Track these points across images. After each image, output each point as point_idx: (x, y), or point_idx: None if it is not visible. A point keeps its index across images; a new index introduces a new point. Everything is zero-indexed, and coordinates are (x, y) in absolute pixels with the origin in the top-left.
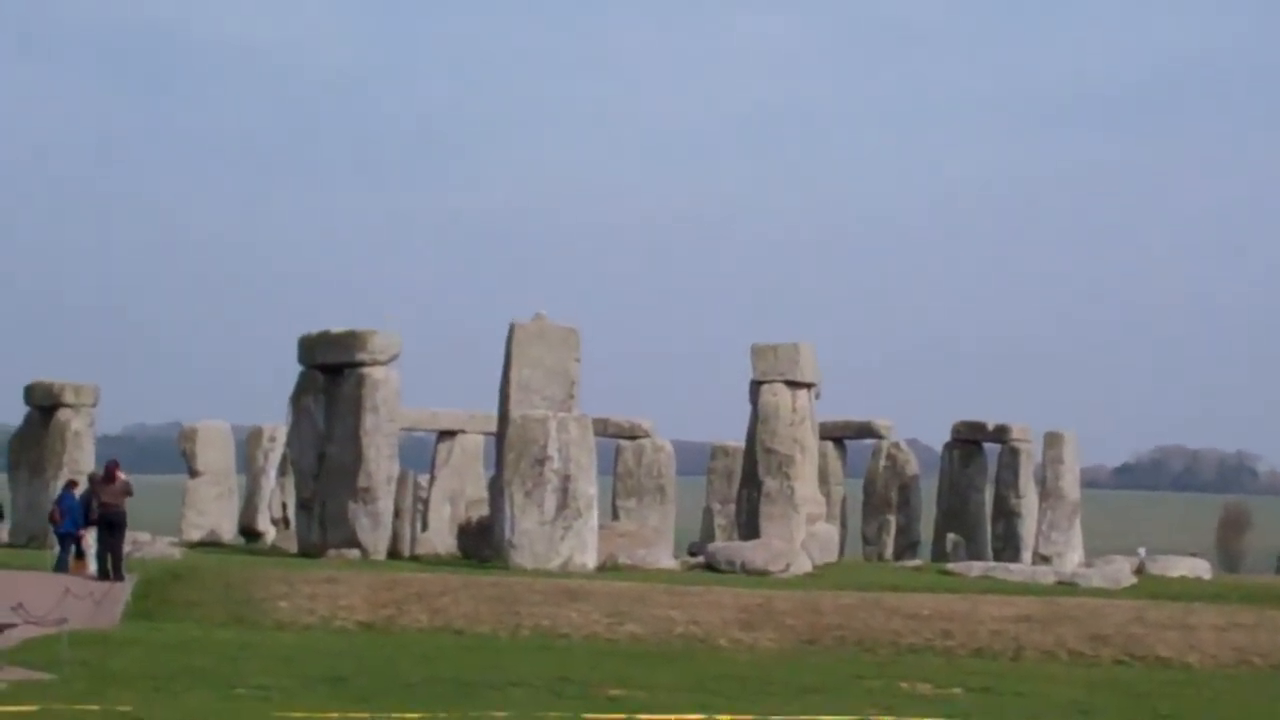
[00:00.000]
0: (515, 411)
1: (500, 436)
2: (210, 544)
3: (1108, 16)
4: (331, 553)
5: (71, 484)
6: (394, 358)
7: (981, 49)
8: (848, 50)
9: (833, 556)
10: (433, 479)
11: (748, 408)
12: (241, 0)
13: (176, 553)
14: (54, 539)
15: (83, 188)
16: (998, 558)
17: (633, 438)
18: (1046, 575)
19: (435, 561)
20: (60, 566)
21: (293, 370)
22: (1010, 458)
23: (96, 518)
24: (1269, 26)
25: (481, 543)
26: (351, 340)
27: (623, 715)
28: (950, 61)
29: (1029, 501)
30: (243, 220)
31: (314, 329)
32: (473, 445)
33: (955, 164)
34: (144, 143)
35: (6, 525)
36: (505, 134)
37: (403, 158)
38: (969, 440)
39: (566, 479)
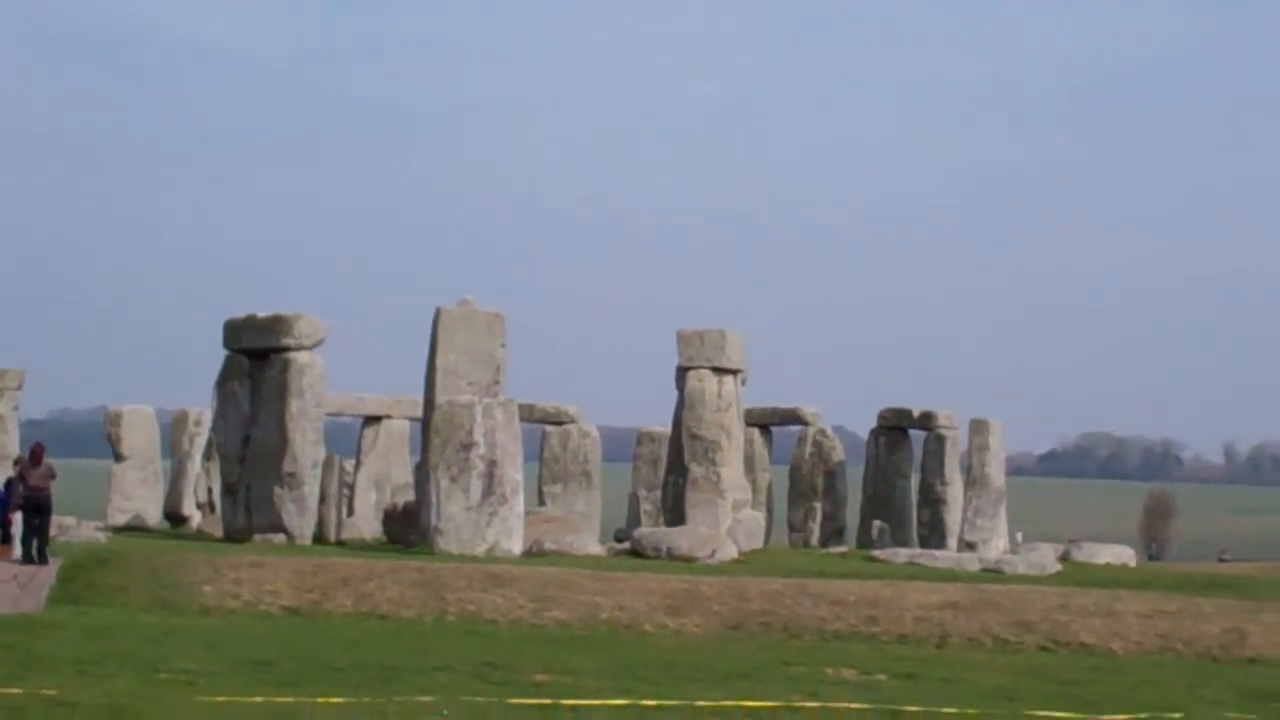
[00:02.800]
0: (441, 397)
1: (426, 422)
2: (135, 528)
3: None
4: (257, 537)
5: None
6: (319, 343)
7: (919, 40)
8: (781, 41)
9: (759, 543)
10: (358, 464)
11: (674, 394)
12: None
13: (102, 537)
14: None
15: (5, 172)
16: (923, 544)
17: (559, 423)
18: (972, 562)
19: (361, 546)
20: None
21: (218, 355)
22: (936, 445)
23: (22, 502)
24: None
25: (407, 528)
26: (277, 325)
27: (548, 700)
28: (886, 53)
29: (954, 488)
30: (169, 205)
31: (240, 314)
32: (398, 430)
33: (885, 155)
34: (68, 127)
35: None
36: (434, 120)
37: (329, 143)
38: (895, 427)
39: (492, 464)
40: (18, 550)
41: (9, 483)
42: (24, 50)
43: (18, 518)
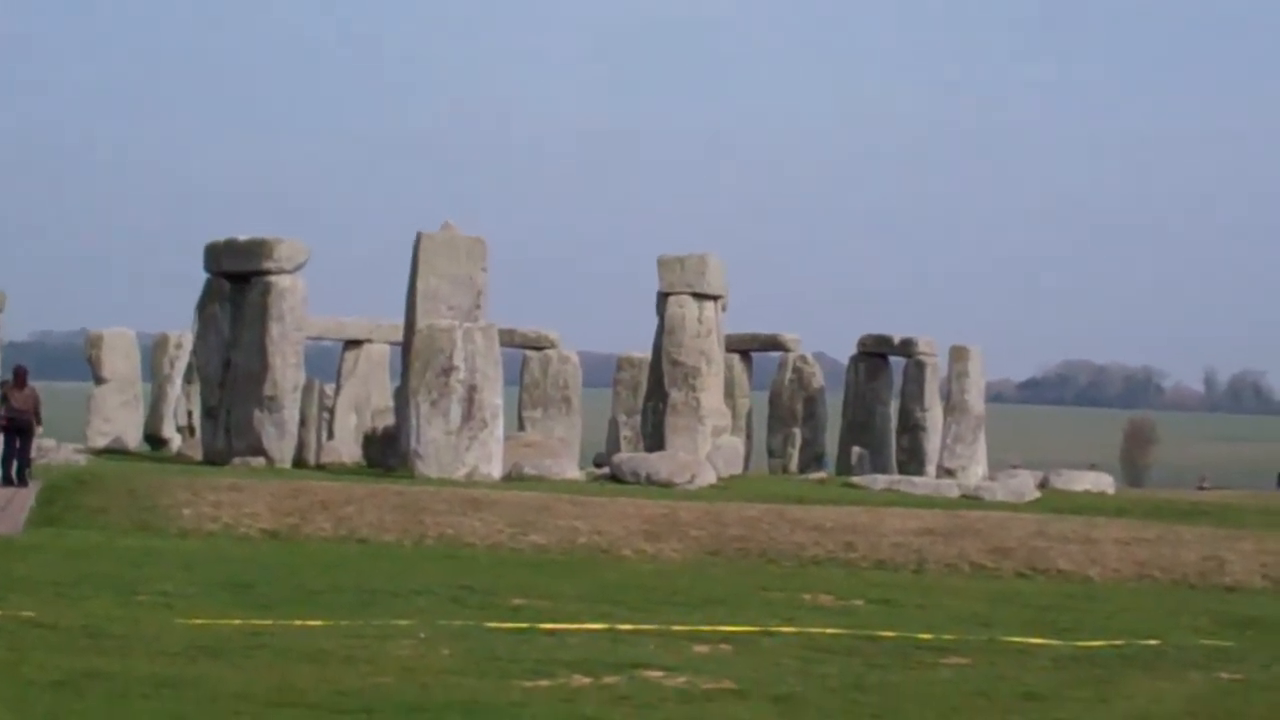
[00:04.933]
0: (421, 321)
1: (406, 346)
2: (116, 451)
3: None
4: (237, 461)
5: None
6: (300, 266)
7: None
8: None
9: (738, 469)
10: (339, 388)
11: (654, 319)
12: None
13: (81, 459)
14: None
15: None
16: (902, 471)
17: (539, 348)
18: (950, 489)
19: (340, 470)
20: None
21: (199, 278)
22: (916, 371)
23: (5, 423)
24: None
25: (387, 452)
26: (258, 248)
27: (525, 624)
28: None
29: (934, 415)
30: (151, 127)
31: (221, 237)
32: (379, 354)
33: (865, 76)
34: (51, 53)
35: None
36: (413, 46)
37: (310, 68)
38: (875, 354)
39: (472, 389)
40: None
41: None
42: None
43: None
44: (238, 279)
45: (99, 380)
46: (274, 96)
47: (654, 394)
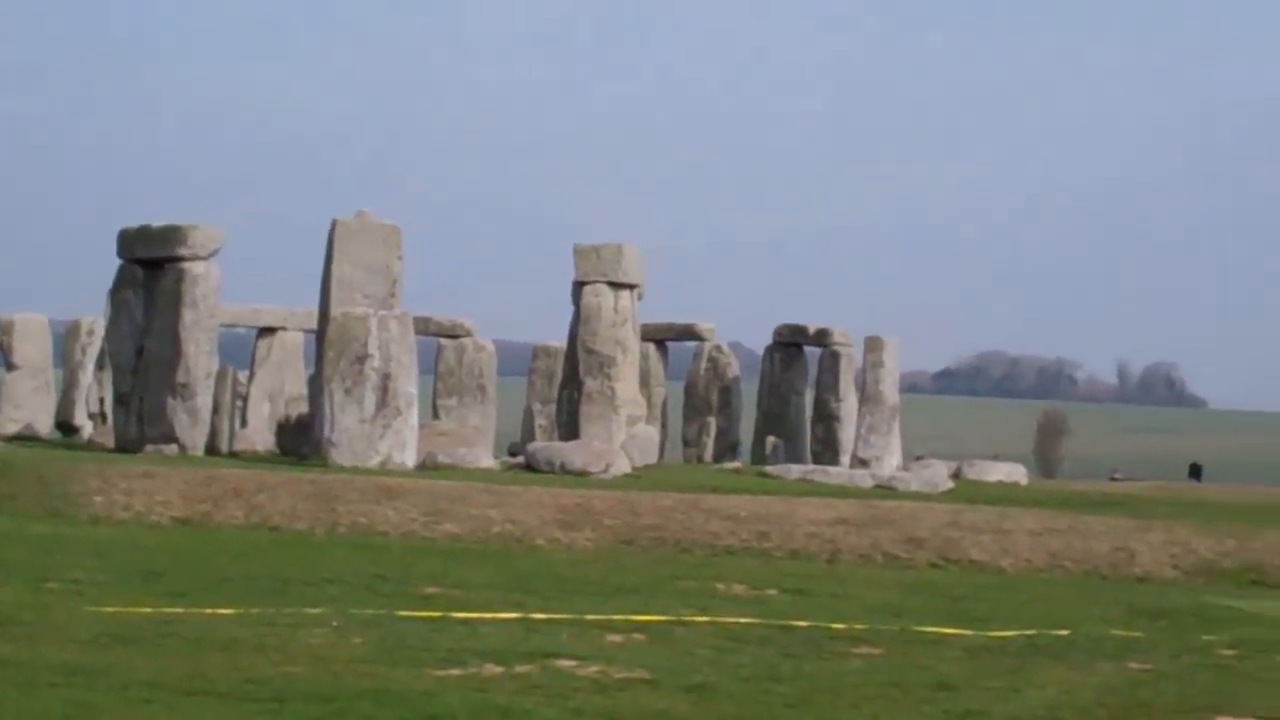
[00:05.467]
0: (336, 309)
1: (321, 334)
2: (26, 438)
3: None
4: (149, 448)
5: None
6: (214, 253)
7: None
8: None
9: (653, 458)
10: (252, 375)
11: (570, 308)
12: None
13: None
14: None
15: None
16: (817, 461)
17: (454, 336)
18: (865, 479)
19: (254, 458)
20: None
21: (112, 264)
22: (831, 361)
23: None
24: None
25: (300, 440)
26: (172, 235)
27: (438, 613)
28: None
29: (849, 405)
30: (63, 110)
31: (134, 223)
32: (293, 342)
33: (779, 54)
34: None
35: None
36: (329, 28)
37: (228, 51)
38: (790, 343)
39: (387, 377)
40: None
41: None
42: None
43: None
44: (151, 265)
45: (10, 366)
46: (189, 80)
47: (569, 383)
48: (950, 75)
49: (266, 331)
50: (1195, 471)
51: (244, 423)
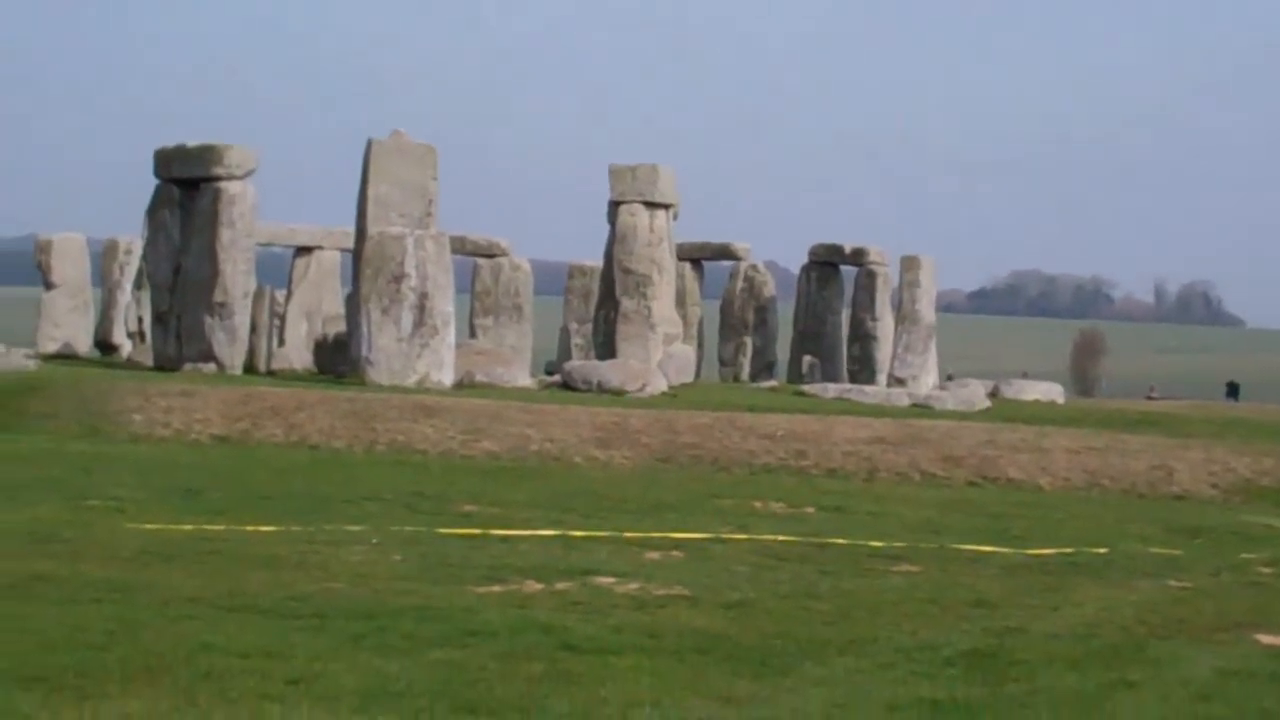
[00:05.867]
0: (372, 228)
1: (357, 253)
2: (66, 356)
3: None
4: (187, 367)
5: None
6: (250, 172)
7: None
8: None
9: (689, 377)
10: (289, 295)
11: (606, 228)
12: None
13: (32, 364)
14: None
15: None
16: (853, 380)
17: (490, 256)
18: (901, 398)
19: (291, 377)
20: None
21: (149, 184)
22: (867, 281)
23: None
24: None
25: (338, 359)
26: (208, 154)
27: (477, 530)
28: None
29: (885, 325)
30: (98, 32)
31: (171, 143)
32: (330, 261)
33: None
34: None
35: None
36: None
37: None
38: (826, 263)
39: (424, 296)
40: None
41: None
42: None
43: None
44: (188, 185)
45: (49, 286)
46: (226, 3)
47: (605, 302)
48: None
49: (303, 251)
50: (1232, 390)
51: (281, 342)
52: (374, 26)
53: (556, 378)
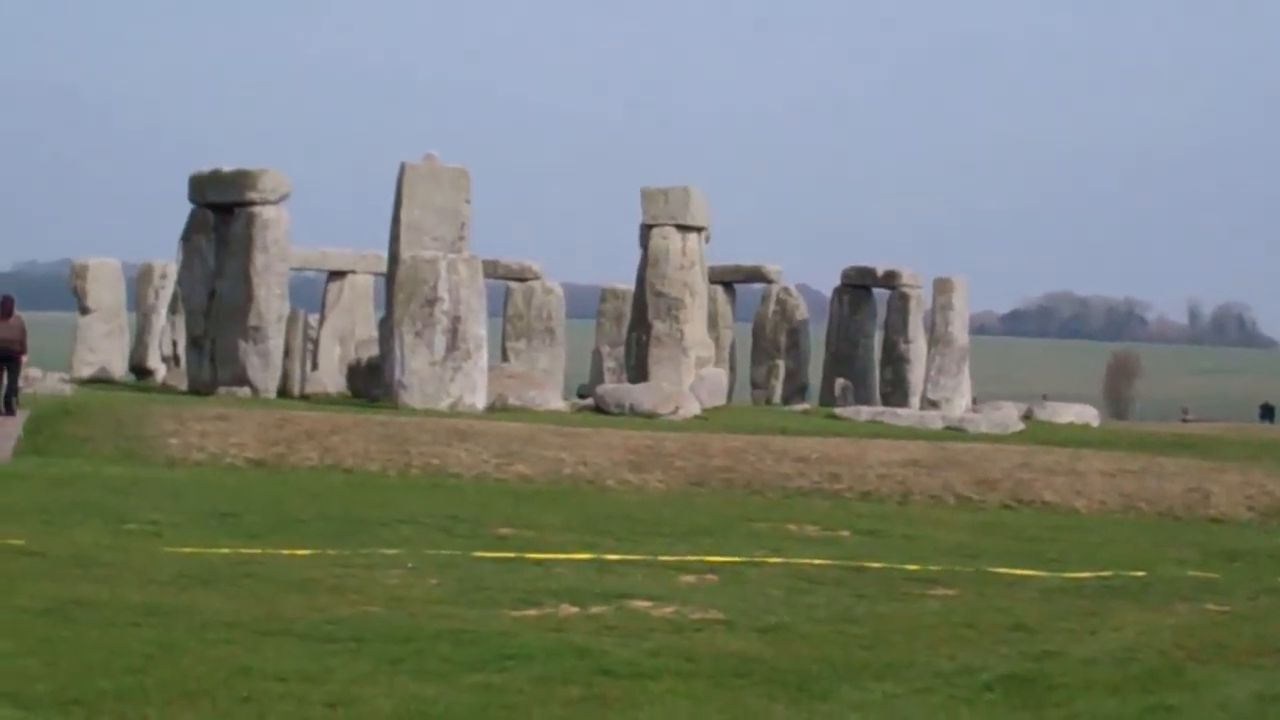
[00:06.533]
0: (405, 252)
1: (390, 277)
2: (101, 381)
3: None
4: (222, 390)
5: None
6: (284, 197)
7: None
8: None
9: (721, 400)
10: (323, 319)
11: (638, 251)
12: None
13: (68, 389)
14: None
15: None
16: (886, 403)
17: (523, 280)
18: (934, 420)
19: (325, 401)
20: None
21: (184, 209)
22: (900, 303)
23: None
24: None
25: (371, 382)
26: (242, 179)
27: (512, 554)
28: None
29: (918, 347)
30: (132, 58)
31: (205, 168)
32: (363, 285)
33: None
34: None
35: None
36: None
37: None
38: (858, 285)
39: (456, 320)
40: None
41: None
42: None
43: None
44: (222, 210)
45: (84, 310)
46: (258, 25)
47: (638, 325)
48: (1013, 17)
49: (337, 275)
50: (1267, 412)
51: (315, 365)
52: (406, 50)
53: (589, 401)
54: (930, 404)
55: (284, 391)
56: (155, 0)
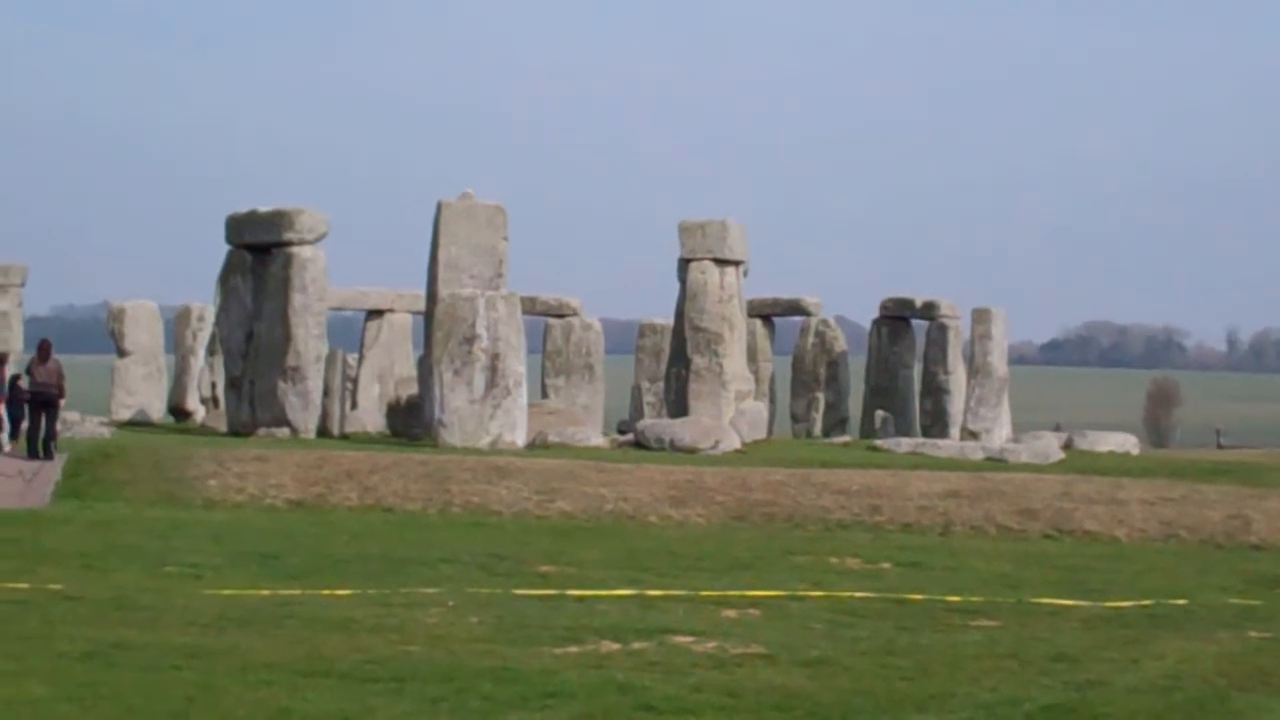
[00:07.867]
0: (443, 290)
1: (429, 315)
2: (140, 423)
3: None
4: (261, 431)
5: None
6: (321, 237)
7: None
8: None
9: (761, 433)
10: (361, 358)
11: (676, 285)
12: None
13: (106, 432)
14: None
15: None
16: (926, 434)
17: (561, 316)
18: (975, 451)
19: (365, 440)
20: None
21: (220, 250)
22: (939, 334)
23: (29, 397)
24: None
25: (411, 421)
26: (279, 220)
27: (554, 591)
28: None
29: (957, 378)
30: (172, 100)
31: (242, 209)
32: (401, 324)
33: (889, 41)
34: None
35: None
36: (433, 12)
37: (328, 37)
38: (897, 317)
39: (495, 357)
40: (5, 443)
41: (13, 378)
42: None
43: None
44: (259, 250)
45: (122, 353)
46: (295, 67)
47: (677, 360)
48: (1049, 47)
49: (375, 314)
50: None
51: (354, 405)
52: (441, 88)
53: (629, 436)
54: (970, 435)
55: (323, 431)
56: (190, 37)
